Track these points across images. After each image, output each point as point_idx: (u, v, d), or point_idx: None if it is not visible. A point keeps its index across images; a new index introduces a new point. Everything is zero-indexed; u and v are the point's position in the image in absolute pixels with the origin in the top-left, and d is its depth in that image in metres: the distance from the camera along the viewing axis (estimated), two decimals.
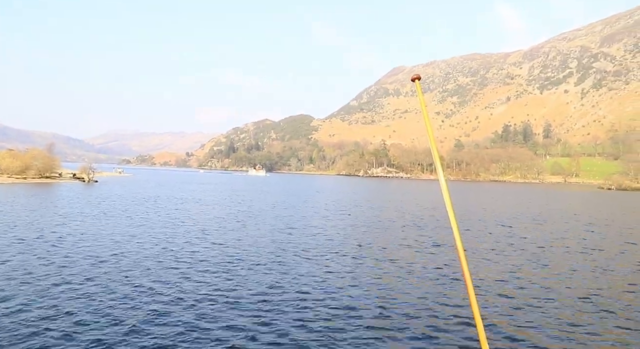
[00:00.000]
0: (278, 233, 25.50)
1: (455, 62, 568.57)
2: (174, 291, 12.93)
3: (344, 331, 10.25)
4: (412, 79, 2.32)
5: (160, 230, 25.26)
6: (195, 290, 13.05)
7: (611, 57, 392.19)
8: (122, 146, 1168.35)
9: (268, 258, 18.17)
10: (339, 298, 12.76)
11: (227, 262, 17.17)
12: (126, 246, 19.73)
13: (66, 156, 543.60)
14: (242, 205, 44.48)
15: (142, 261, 16.80)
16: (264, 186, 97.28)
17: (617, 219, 40.76)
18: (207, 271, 15.50)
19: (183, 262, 16.91)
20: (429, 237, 25.68)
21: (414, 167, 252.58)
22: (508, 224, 33.52)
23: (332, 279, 15.08)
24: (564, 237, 27.58)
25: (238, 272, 15.61)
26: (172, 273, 15.17)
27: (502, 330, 10.56)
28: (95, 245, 19.67)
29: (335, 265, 17.32)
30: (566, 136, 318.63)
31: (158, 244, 20.54)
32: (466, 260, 1.94)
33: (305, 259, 18.17)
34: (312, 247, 21.02)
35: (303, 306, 11.91)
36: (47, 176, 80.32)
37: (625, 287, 15.04)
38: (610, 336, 10.40)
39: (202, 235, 24.00)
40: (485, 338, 1.94)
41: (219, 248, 20.17)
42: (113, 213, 32.70)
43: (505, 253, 21.11)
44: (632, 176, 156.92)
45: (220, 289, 13.30)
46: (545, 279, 15.76)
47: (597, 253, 21.80)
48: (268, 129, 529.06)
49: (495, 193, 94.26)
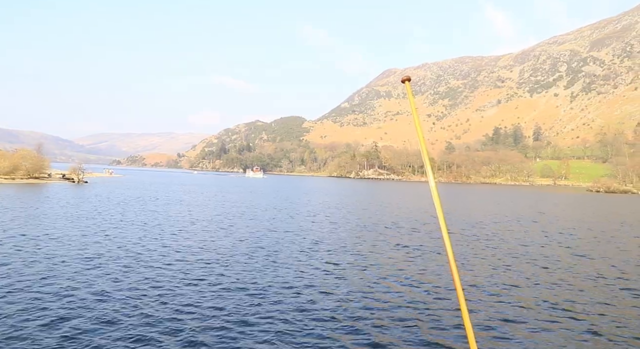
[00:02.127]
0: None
1: (447, 65, 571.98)
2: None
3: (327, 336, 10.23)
4: (402, 80, 2.32)
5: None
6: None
7: (600, 62, 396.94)
8: (112, 146, 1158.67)
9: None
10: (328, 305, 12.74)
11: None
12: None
13: (55, 156, 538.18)
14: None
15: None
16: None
17: (596, 221, 41.18)
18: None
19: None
20: (419, 240, 25.76)
21: (405, 169, 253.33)
22: (490, 225, 33.73)
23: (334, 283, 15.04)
24: (547, 237, 27.82)
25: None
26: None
27: (490, 329, 10.61)
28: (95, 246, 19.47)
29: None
30: (556, 139, 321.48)
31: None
32: (455, 263, 1.93)
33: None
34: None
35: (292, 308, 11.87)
36: (36, 176, 79.39)
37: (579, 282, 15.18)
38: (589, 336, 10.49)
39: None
40: (474, 339, 1.94)
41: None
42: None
43: (489, 254, 21.22)
44: (620, 178, 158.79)
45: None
46: (529, 279, 15.88)
47: (578, 256, 22.00)
48: (259, 130, 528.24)
49: (484, 195, 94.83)
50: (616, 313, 12.27)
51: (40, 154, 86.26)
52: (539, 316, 11.80)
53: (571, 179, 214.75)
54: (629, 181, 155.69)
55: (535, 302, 13.08)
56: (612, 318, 11.79)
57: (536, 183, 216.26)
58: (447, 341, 9.93)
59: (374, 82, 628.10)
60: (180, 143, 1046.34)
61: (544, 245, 24.84)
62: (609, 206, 69.22)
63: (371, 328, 10.59)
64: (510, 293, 14.01)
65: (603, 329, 10.97)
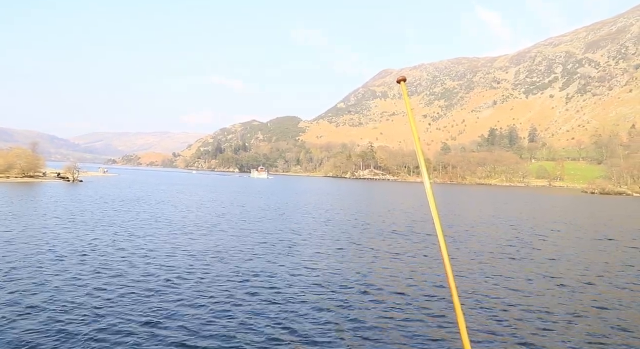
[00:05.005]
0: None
1: (443, 66, 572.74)
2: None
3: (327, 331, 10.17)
4: (398, 80, 2.31)
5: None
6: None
7: (595, 63, 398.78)
8: (107, 145, 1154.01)
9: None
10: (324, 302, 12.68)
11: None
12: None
13: (50, 155, 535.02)
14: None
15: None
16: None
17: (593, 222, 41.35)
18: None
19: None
20: (415, 243, 25.75)
21: (401, 169, 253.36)
22: (485, 227, 33.80)
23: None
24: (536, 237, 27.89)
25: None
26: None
27: (483, 330, 10.60)
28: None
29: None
30: (551, 140, 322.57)
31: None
32: (450, 263, 1.94)
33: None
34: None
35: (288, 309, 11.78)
36: (31, 175, 78.99)
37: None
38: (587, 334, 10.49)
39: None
40: (467, 338, 1.95)
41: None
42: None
43: (484, 255, 21.25)
44: (614, 180, 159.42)
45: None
46: (520, 278, 15.89)
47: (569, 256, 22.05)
48: (255, 130, 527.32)
49: (479, 196, 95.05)
50: (616, 315, 12.30)
51: (35, 152, 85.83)
52: (534, 317, 11.80)
53: (566, 181, 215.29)
54: (623, 183, 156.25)
55: (532, 304, 13.08)
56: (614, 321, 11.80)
57: (531, 184, 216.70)
58: (442, 343, 9.92)
59: (370, 83, 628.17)
60: (175, 142, 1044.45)
61: (540, 249, 24.90)
62: (613, 210, 69.51)
63: (367, 328, 10.56)
64: (505, 294, 14.01)
65: (603, 330, 10.98)
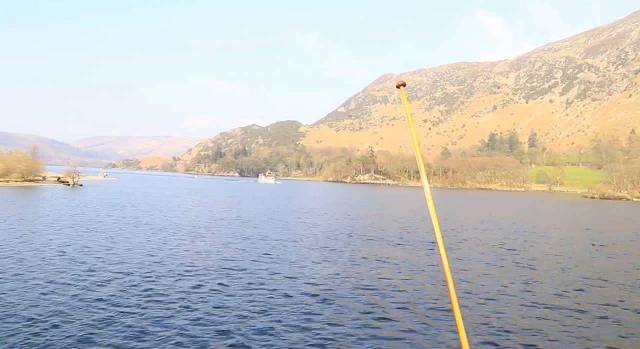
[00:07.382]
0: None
1: (443, 71, 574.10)
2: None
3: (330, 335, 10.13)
4: (397, 85, 2.33)
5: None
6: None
7: (595, 68, 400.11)
8: (108, 149, 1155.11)
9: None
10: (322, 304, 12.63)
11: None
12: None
13: (51, 159, 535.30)
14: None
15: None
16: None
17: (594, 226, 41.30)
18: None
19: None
20: (415, 252, 25.70)
21: (401, 174, 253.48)
22: (488, 230, 33.75)
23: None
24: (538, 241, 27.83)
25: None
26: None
27: (482, 332, 10.56)
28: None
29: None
30: (551, 145, 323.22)
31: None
32: (450, 268, 1.93)
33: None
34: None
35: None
36: (31, 179, 79.01)
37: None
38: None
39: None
40: (466, 342, 1.94)
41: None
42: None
43: (484, 260, 21.19)
44: (614, 185, 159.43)
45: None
46: (520, 283, 15.83)
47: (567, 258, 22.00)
48: (255, 134, 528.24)
49: (479, 201, 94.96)
50: (616, 316, 12.25)
51: (35, 156, 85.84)
52: (532, 321, 11.76)
53: (566, 185, 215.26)
54: (623, 188, 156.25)
55: (529, 305, 13.03)
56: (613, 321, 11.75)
57: (531, 189, 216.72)
58: (440, 345, 9.90)
59: (370, 87, 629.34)
60: (176, 146, 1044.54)
61: (540, 250, 24.84)
62: (614, 214, 69.43)
63: (364, 328, 10.52)
64: (504, 299, 13.96)
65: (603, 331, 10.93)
